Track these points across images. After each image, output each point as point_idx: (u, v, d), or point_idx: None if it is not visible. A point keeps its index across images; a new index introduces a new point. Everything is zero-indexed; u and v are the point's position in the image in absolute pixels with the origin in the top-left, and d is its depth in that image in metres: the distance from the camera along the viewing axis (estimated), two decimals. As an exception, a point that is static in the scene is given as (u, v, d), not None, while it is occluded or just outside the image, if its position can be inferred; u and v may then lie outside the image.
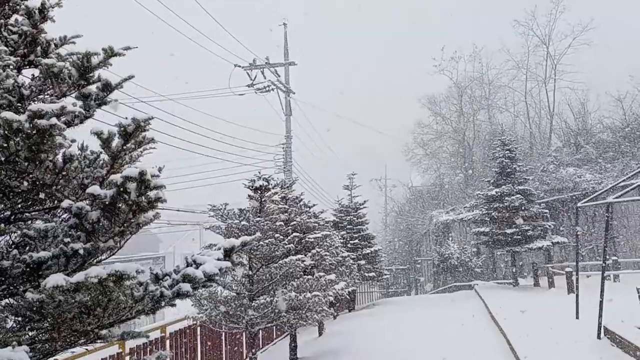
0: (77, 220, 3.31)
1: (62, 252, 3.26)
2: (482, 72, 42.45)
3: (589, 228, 25.90)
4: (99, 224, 3.34)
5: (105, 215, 3.33)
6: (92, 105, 3.95)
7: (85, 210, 3.27)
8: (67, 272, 3.34)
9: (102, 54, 3.80)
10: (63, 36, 4.12)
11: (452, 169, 43.61)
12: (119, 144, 3.59)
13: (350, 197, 22.11)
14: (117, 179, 3.23)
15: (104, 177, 3.68)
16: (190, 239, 51.52)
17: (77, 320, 3.54)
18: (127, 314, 3.63)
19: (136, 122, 3.50)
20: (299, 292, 8.43)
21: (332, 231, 13.95)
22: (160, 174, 3.85)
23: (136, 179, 3.18)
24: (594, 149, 29.88)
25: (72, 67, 3.81)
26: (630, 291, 10.75)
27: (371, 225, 29.56)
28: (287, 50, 26.34)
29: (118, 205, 3.31)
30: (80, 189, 3.77)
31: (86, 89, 3.90)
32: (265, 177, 8.64)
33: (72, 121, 3.91)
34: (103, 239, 3.42)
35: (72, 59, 3.83)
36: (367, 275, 19.99)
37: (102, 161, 3.95)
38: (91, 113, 3.98)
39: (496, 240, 21.33)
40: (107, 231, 3.41)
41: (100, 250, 3.46)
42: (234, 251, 4.05)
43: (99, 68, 3.85)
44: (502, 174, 21.81)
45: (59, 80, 3.83)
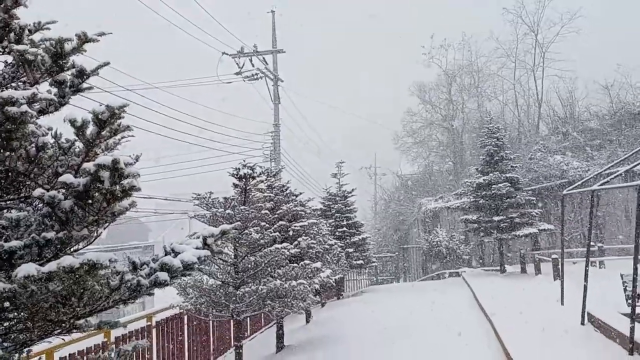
0: (50, 209, 3.27)
1: (35, 241, 3.22)
2: (471, 60, 42.51)
3: (576, 215, 26.11)
4: (73, 212, 3.30)
5: (79, 204, 3.28)
6: (66, 92, 3.89)
7: (58, 199, 3.22)
8: (40, 261, 3.30)
9: (75, 40, 3.72)
10: (37, 22, 4.04)
11: (441, 157, 43.73)
12: (94, 131, 3.52)
13: (339, 185, 22.10)
14: (90, 167, 3.18)
15: (79, 165, 3.62)
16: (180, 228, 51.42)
17: (52, 310, 3.51)
18: (104, 303, 3.60)
19: (110, 109, 3.44)
20: (284, 280, 8.43)
21: (319, 219, 13.96)
22: (136, 162, 3.81)
23: (109, 167, 3.14)
24: (581, 136, 30.05)
25: (46, 53, 3.74)
26: (614, 277, 10.84)
27: (360, 214, 29.63)
28: (275, 38, 26.18)
29: (92, 193, 3.26)
30: (54, 177, 3.71)
31: (60, 76, 3.83)
32: (250, 166, 8.59)
33: (47, 109, 3.85)
34: (77, 228, 3.37)
35: (46, 45, 3.76)
36: (355, 263, 20.05)
37: (77, 149, 3.90)
38: (66, 100, 3.92)
39: (484, 227, 21.45)
40: (81, 220, 3.36)
41: (75, 240, 3.42)
42: (213, 239, 4.02)
43: (73, 54, 3.78)
44: (489, 162, 21.88)
45: (32, 67, 3.75)
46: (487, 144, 22.16)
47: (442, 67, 42.96)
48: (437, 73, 43.60)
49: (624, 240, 24.28)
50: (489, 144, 22.08)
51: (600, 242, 22.34)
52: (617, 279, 10.50)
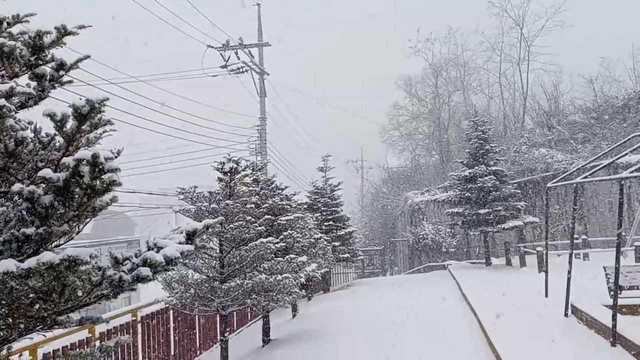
0: (29, 204, 3.23)
1: (14, 237, 3.18)
2: (457, 53, 42.63)
3: (560, 207, 26.34)
4: (53, 208, 3.26)
5: (59, 199, 3.25)
6: (46, 85, 3.84)
7: (37, 194, 3.18)
8: (20, 257, 3.26)
9: (55, 33, 3.68)
10: (16, 14, 3.98)
11: (427, 151, 43.88)
12: (74, 126, 3.49)
13: (325, 179, 22.11)
14: (70, 162, 3.15)
15: (59, 159, 3.59)
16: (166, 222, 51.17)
17: (33, 306, 3.47)
18: (86, 299, 3.57)
19: (91, 103, 3.40)
20: (270, 275, 8.42)
21: (305, 213, 13.96)
22: (117, 157, 3.77)
23: (89, 162, 3.10)
24: (565, 130, 30.29)
25: (24, 46, 3.69)
26: (598, 269, 10.95)
27: (347, 207, 29.68)
28: (261, 31, 26.05)
29: (72, 188, 3.23)
30: (34, 172, 3.67)
31: (40, 69, 3.78)
32: (235, 160, 8.56)
33: (26, 102, 3.81)
34: (57, 224, 3.34)
35: (24, 38, 3.70)
36: (341, 256, 20.09)
37: (57, 143, 3.86)
38: (46, 94, 3.87)
39: (470, 220, 21.56)
40: (62, 215, 3.33)
41: (55, 235, 3.39)
42: (196, 234, 3.99)
43: (52, 47, 3.73)
44: (475, 155, 21.98)
45: (10, 60, 3.70)
46: (473, 137, 22.25)
47: (428, 61, 43.08)
48: (423, 67, 43.72)
49: (608, 233, 24.54)
50: (474, 138, 22.17)
51: (584, 235, 22.56)
52: (600, 271, 10.61)
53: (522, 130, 33.88)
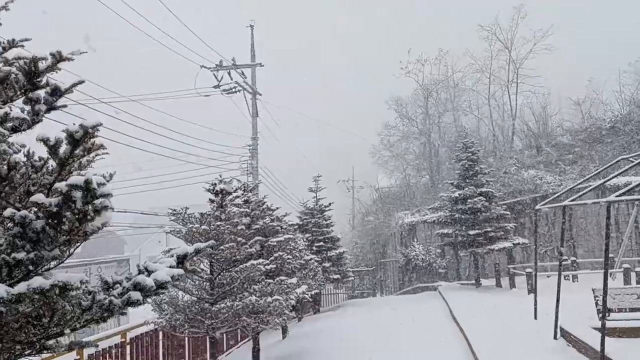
0: (21, 229, 3.24)
1: (5, 262, 3.19)
2: (447, 75, 43.04)
3: (549, 229, 26.48)
4: (44, 232, 3.28)
5: (50, 224, 3.27)
6: (40, 110, 3.87)
7: (29, 219, 3.20)
8: (10, 282, 3.27)
9: (50, 59, 3.72)
10: (11, 39, 4.02)
11: (418, 171, 44.07)
12: (67, 150, 3.52)
13: (316, 199, 22.14)
14: (62, 187, 3.17)
15: (52, 184, 3.61)
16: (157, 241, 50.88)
17: (22, 330, 3.47)
18: (75, 324, 3.57)
19: (84, 128, 3.44)
20: (260, 296, 8.40)
21: (296, 234, 13.96)
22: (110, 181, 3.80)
23: (82, 187, 3.13)
24: (554, 151, 30.57)
25: (19, 71, 3.73)
26: (587, 291, 11.02)
27: (338, 227, 29.66)
28: (253, 51, 26.25)
29: (64, 213, 3.25)
30: (26, 196, 3.69)
31: (34, 94, 3.82)
32: (226, 181, 8.59)
33: (20, 126, 3.83)
34: (49, 248, 3.35)
35: (19, 64, 3.74)
36: (332, 277, 20.06)
37: (50, 167, 3.88)
38: (40, 118, 3.90)
39: (459, 241, 21.63)
40: (53, 240, 3.34)
41: (46, 260, 3.39)
42: (187, 258, 4.02)
43: (47, 73, 3.77)
44: (464, 176, 22.12)
45: (5, 85, 3.74)
46: (462, 158, 22.42)
47: (418, 82, 43.46)
48: (414, 87, 44.09)
49: (597, 254, 24.66)
50: (464, 159, 22.33)
51: (573, 256, 22.68)
52: (589, 293, 10.68)
53: (512, 152, 34.16)
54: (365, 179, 51.31)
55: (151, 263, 3.84)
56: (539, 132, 34.68)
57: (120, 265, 28.00)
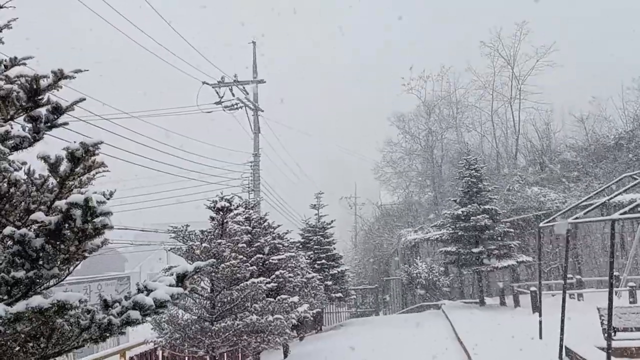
0: (20, 247, 3.22)
1: (4, 280, 3.16)
2: (449, 91, 43.11)
3: (554, 247, 26.32)
4: (44, 251, 3.25)
5: (50, 242, 3.24)
6: (41, 128, 3.87)
7: (28, 238, 3.18)
8: (9, 300, 3.23)
9: (51, 77, 3.72)
10: (13, 57, 4.03)
11: (420, 188, 43.95)
12: (67, 168, 3.50)
13: (318, 216, 22.07)
14: (62, 206, 3.15)
15: (52, 202, 3.59)
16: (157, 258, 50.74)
17: (20, 350, 3.43)
18: (74, 343, 3.53)
19: (85, 146, 3.43)
20: (261, 315, 8.33)
21: (297, 252, 13.89)
22: (110, 199, 3.78)
23: (81, 206, 3.11)
24: (558, 168, 30.49)
25: (21, 89, 3.73)
26: (592, 310, 10.91)
27: (340, 244, 29.56)
28: (255, 68, 26.36)
29: (63, 232, 3.23)
30: (26, 214, 3.67)
31: (35, 112, 3.82)
32: (228, 198, 8.56)
33: (21, 144, 3.82)
34: (48, 267, 3.32)
35: (21, 82, 3.75)
36: (334, 295, 19.92)
37: (50, 185, 3.86)
38: (41, 136, 3.90)
39: (463, 259, 21.50)
40: (53, 258, 3.32)
41: (45, 278, 3.36)
42: (186, 277, 3.98)
43: (48, 90, 3.78)
44: (468, 194, 22.05)
45: (6, 103, 3.74)
46: (466, 175, 22.37)
47: (421, 98, 43.55)
48: (416, 104, 44.16)
49: (602, 272, 24.49)
50: (467, 176, 22.28)
51: (578, 274, 22.51)
52: (594, 312, 10.57)
53: (515, 168, 34.08)
54: (367, 195, 51.25)
55: (151, 282, 3.80)
56: (543, 149, 34.63)
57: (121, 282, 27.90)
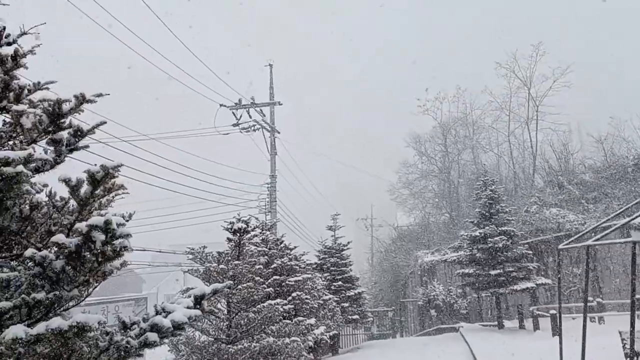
0: (41, 269, 3.26)
1: (24, 302, 3.19)
2: (465, 112, 43.08)
3: (573, 269, 25.92)
4: (64, 272, 3.29)
5: (70, 264, 3.28)
6: (63, 151, 3.93)
7: (49, 259, 3.21)
8: (29, 322, 3.26)
9: (73, 101, 3.80)
10: (37, 82, 4.12)
11: (437, 209, 43.71)
12: (88, 190, 3.55)
13: (334, 238, 22.02)
14: (83, 228, 3.19)
15: (72, 224, 3.63)
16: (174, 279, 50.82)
17: (39, 372, 3.44)
18: (92, 364, 3.54)
19: (105, 169, 3.48)
20: (277, 337, 8.29)
21: (314, 274, 13.84)
22: (129, 220, 3.82)
23: (101, 228, 3.15)
24: (576, 189, 30.15)
25: (43, 113, 3.80)
26: (614, 333, 10.71)
27: (357, 266, 29.40)
28: (272, 91, 26.59)
29: (83, 254, 3.26)
30: (47, 235, 3.72)
31: (57, 135, 3.88)
32: (245, 220, 8.59)
33: (42, 167, 3.89)
34: (68, 288, 3.36)
35: (44, 106, 3.82)
36: (350, 317, 19.76)
37: (70, 207, 3.91)
38: (62, 159, 3.95)
39: (481, 281, 21.25)
40: (72, 280, 3.35)
41: (65, 300, 3.39)
42: (204, 299, 3.99)
43: (70, 114, 3.85)
44: (485, 215, 21.87)
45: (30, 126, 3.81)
46: (483, 196, 22.21)
47: (437, 120, 43.54)
48: (432, 125, 44.14)
49: (623, 295, 24.02)
50: (484, 197, 22.13)
51: (599, 297, 22.12)
52: (616, 336, 10.37)
53: (533, 190, 33.78)
54: (383, 217, 51.08)
55: (168, 303, 3.82)
56: (561, 170, 34.30)
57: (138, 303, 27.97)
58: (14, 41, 3.96)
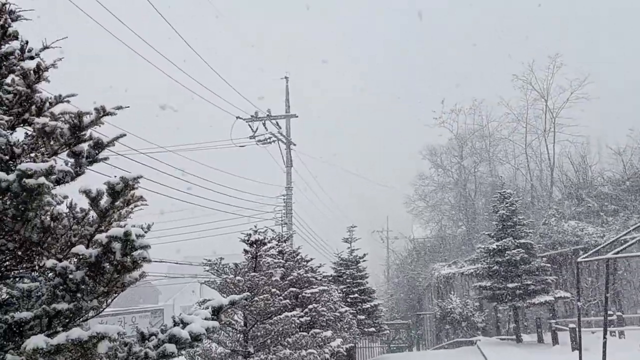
0: (61, 279, 3.29)
1: (45, 312, 3.22)
2: (482, 124, 42.86)
3: (593, 282, 25.57)
4: (84, 283, 3.31)
5: (90, 275, 3.31)
6: (83, 162, 3.98)
7: (69, 270, 3.25)
8: (50, 332, 3.29)
9: (94, 113, 3.85)
10: (58, 95, 4.18)
11: (453, 221, 43.44)
12: (108, 202, 3.59)
13: (350, 250, 21.96)
14: (102, 239, 3.22)
15: (92, 235, 3.67)
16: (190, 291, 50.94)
17: (58, 382, 3.46)
18: (111, 375, 3.56)
19: (125, 180, 3.51)
20: (294, 350, 8.26)
21: (330, 286, 13.79)
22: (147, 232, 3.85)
23: (121, 239, 3.18)
24: (595, 202, 29.81)
25: (65, 125, 3.86)
26: (635, 348, 10.55)
27: (372, 278, 29.28)
28: (288, 102, 26.70)
29: (103, 265, 3.29)
30: (67, 247, 3.75)
31: (78, 147, 3.93)
32: (261, 231, 8.61)
33: (63, 179, 3.94)
34: (87, 299, 3.38)
35: (65, 118, 3.88)
36: (367, 330, 19.65)
37: (90, 219, 3.95)
38: (82, 170, 4.00)
39: (498, 294, 21.04)
40: (92, 291, 3.38)
41: (85, 310, 3.42)
42: (222, 310, 4.00)
43: (90, 127, 3.90)
44: (502, 228, 21.70)
45: (51, 138, 3.87)
46: (500, 209, 22.05)
47: (453, 132, 43.37)
48: (448, 137, 43.97)
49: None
50: (501, 209, 21.97)
51: (619, 311, 21.78)
52: (637, 350, 10.20)
53: (551, 202, 33.46)
54: (399, 229, 50.84)
55: (186, 315, 3.83)
56: (579, 182, 33.95)
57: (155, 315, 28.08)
58: (37, 55, 4.04)
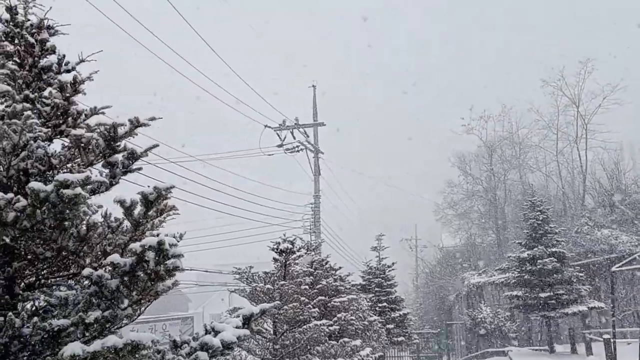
0: (97, 288, 3.36)
1: (81, 320, 3.29)
2: (511, 131, 42.30)
3: (628, 292, 24.98)
4: (118, 292, 3.38)
5: (124, 283, 3.37)
6: (117, 173, 4.07)
7: (105, 279, 3.32)
8: (85, 339, 3.36)
9: (128, 125, 3.93)
10: (93, 107, 4.28)
11: (483, 230, 42.92)
12: (141, 211, 3.66)
13: (379, 258, 21.88)
14: (137, 248, 3.28)
15: (126, 244, 3.74)
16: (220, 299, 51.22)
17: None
18: (145, 383, 3.61)
19: (158, 190, 3.58)
20: (323, 358, 8.26)
21: (358, 294, 13.76)
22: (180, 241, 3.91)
23: (155, 248, 3.23)
24: (629, 209, 29.17)
25: (100, 137, 3.95)
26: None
27: (401, 287, 29.07)
28: (316, 111, 26.81)
29: (137, 273, 3.35)
30: (102, 255, 3.83)
31: (112, 158, 4.02)
32: (291, 240, 8.65)
33: (98, 189, 4.03)
34: (122, 307, 3.45)
35: (100, 130, 3.97)
36: (395, 339, 19.52)
37: (124, 228, 4.03)
38: (116, 180, 4.10)
39: (529, 304, 20.70)
40: (126, 299, 3.44)
41: (119, 318, 3.49)
42: (252, 319, 4.03)
43: (124, 138, 3.99)
44: (533, 236, 21.37)
45: (86, 149, 3.97)
46: (531, 217, 21.73)
47: (482, 139, 42.90)
48: (477, 144, 43.50)
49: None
50: (532, 217, 21.64)
51: (656, 321, 21.22)
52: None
53: (583, 210, 32.83)
54: (428, 237, 50.41)
55: (217, 323, 3.87)
56: (612, 190, 33.26)
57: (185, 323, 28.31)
58: (73, 68, 4.16)
